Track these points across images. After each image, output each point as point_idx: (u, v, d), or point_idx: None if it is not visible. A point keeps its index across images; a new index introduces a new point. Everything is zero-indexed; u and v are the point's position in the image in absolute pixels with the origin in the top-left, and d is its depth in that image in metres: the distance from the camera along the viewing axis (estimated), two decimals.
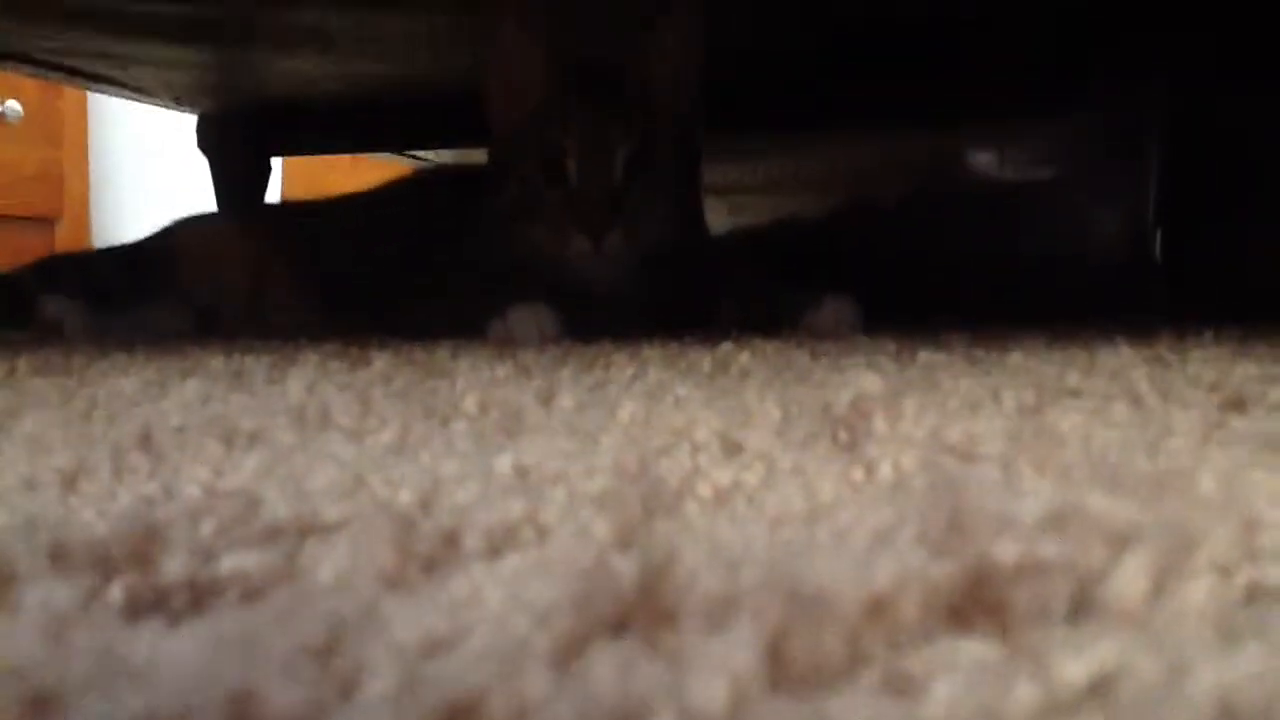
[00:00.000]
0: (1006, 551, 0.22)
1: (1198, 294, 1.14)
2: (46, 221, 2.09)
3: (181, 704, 0.15)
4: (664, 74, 0.96)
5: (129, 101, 1.48)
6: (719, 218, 1.43)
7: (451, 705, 0.16)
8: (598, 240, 0.92)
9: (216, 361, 0.67)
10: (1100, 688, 0.18)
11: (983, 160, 1.48)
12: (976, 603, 0.21)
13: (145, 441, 0.40)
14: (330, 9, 1.05)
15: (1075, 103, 1.23)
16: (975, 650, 0.19)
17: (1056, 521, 0.24)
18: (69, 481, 0.34)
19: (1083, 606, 0.21)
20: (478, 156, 1.07)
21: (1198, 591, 0.22)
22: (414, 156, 1.63)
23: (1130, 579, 0.21)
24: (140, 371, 0.62)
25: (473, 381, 0.55)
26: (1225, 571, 0.22)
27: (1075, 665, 0.18)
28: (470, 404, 0.47)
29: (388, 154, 1.66)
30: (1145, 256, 1.30)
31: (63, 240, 2.08)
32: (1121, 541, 0.23)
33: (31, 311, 1.04)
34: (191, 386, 0.55)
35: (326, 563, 0.24)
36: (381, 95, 1.35)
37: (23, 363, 0.67)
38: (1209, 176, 1.18)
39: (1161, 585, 0.22)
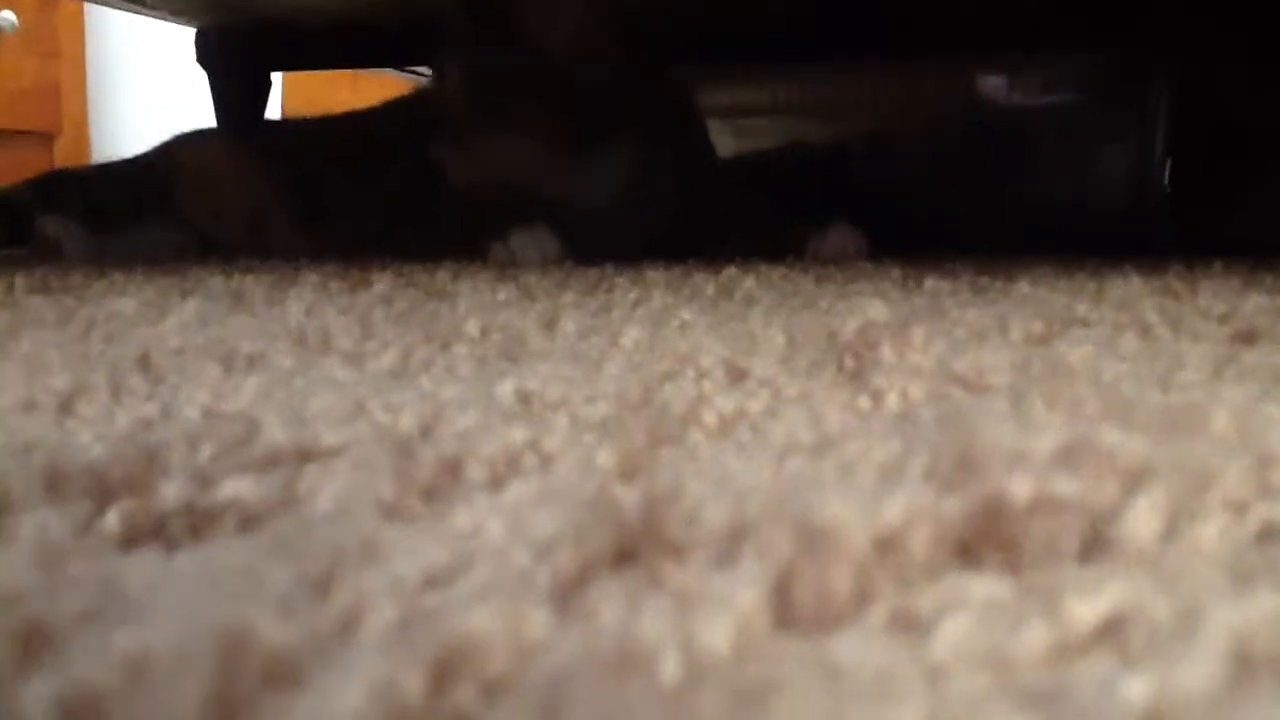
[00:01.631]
0: (1018, 488, 0.21)
1: (1204, 233, 1.13)
2: (45, 136, 2.07)
3: (176, 639, 0.15)
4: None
5: (127, 14, 1.45)
6: (725, 142, 1.41)
7: (451, 644, 0.16)
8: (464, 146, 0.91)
9: (216, 282, 0.66)
10: (1111, 628, 0.17)
11: (993, 84, 1.46)
12: (987, 540, 0.21)
13: (143, 363, 0.40)
14: None
15: (1086, 35, 1.21)
16: (985, 588, 0.19)
17: (1068, 457, 0.23)
18: (66, 403, 0.34)
19: (1095, 545, 0.21)
20: None
21: (1211, 531, 0.21)
22: (414, 73, 1.61)
23: (1143, 518, 0.21)
24: (139, 292, 0.61)
25: (474, 305, 0.55)
26: (1239, 510, 0.22)
27: (1087, 605, 0.18)
28: (472, 328, 0.46)
29: (388, 70, 1.64)
30: (1152, 193, 1.28)
31: (61, 155, 2.06)
32: (1134, 479, 0.22)
33: (30, 230, 1.03)
34: (190, 308, 0.54)
35: (325, 491, 0.24)
36: (382, 11, 1.33)
37: (20, 281, 0.66)
38: (1218, 116, 1.16)
39: (1174, 524, 0.21)
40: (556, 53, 0.93)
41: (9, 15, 1.94)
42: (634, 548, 0.20)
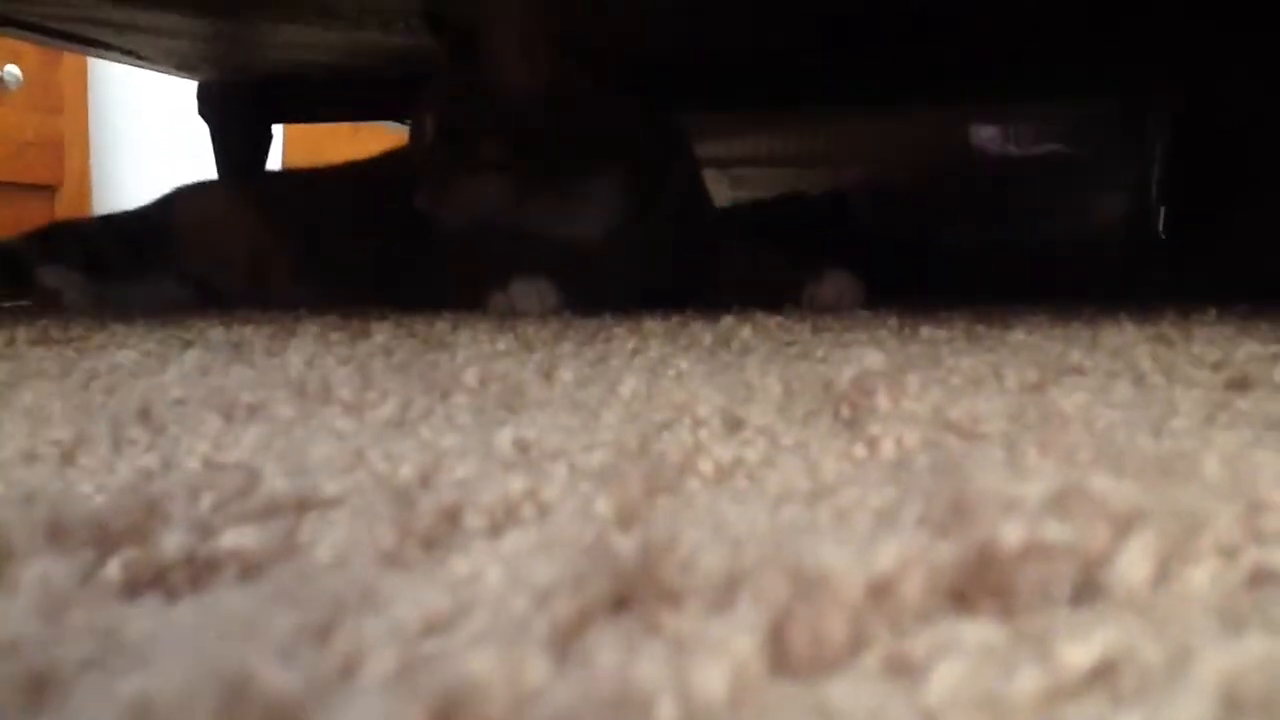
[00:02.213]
0: (1010, 533, 0.22)
1: (1200, 276, 1.14)
2: (47, 189, 2.09)
3: (179, 685, 0.15)
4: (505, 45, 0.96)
5: (130, 68, 1.47)
6: (722, 192, 1.42)
7: (450, 688, 0.16)
8: (435, 191, 0.94)
9: (216, 333, 0.67)
10: (1104, 672, 0.18)
11: (987, 135, 1.47)
12: (980, 585, 0.21)
13: (144, 414, 0.40)
14: None
15: (1080, 84, 1.22)
16: (978, 633, 0.19)
17: (1060, 503, 0.24)
18: (68, 454, 0.34)
19: (1086, 589, 0.21)
20: None
21: (1202, 575, 0.21)
22: None
23: (1134, 562, 0.21)
24: (140, 343, 0.62)
25: (473, 355, 0.55)
26: (1229, 555, 0.22)
27: (1079, 649, 0.18)
28: (471, 378, 0.47)
29: (388, 123, 1.65)
30: (1148, 239, 1.29)
31: (63, 208, 2.07)
32: (1125, 524, 0.23)
33: (30, 281, 1.04)
34: (191, 358, 0.54)
35: (326, 539, 0.24)
36: (382, 65, 1.34)
37: (21, 333, 0.67)
38: (1213, 159, 1.17)
39: (1165, 568, 0.22)
40: (523, 90, 0.94)
41: (14, 70, 1.97)
42: (631, 595, 0.21)
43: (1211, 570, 0.22)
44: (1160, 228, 1.29)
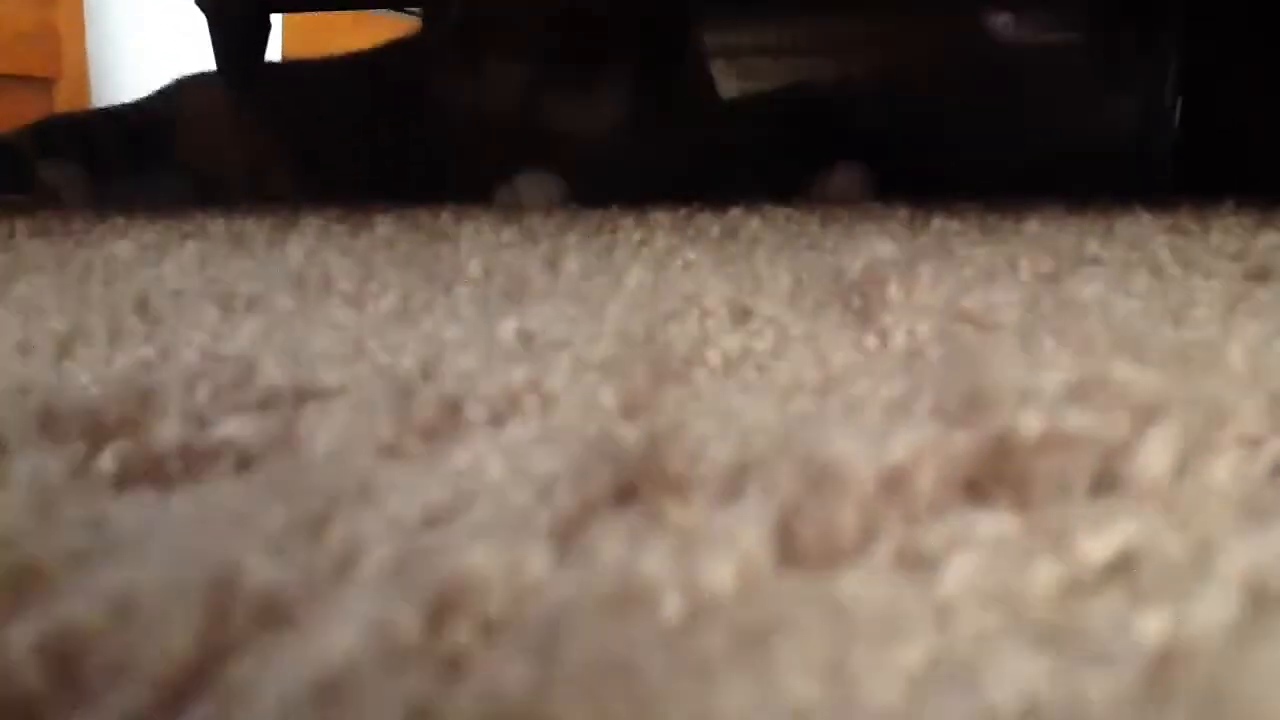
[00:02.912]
0: (1027, 423, 0.21)
1: (1215, 174, 1.12)
2: (44, 81, 2.05)
3: (165, 578, 0.15)
4: None
5: None
6: (729, 83, 1.39)
7: (448, 583, 0.15)
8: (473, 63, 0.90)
9: (216, 226, 0.66)
10: (1123, 565, 0.17)
11: (1000, 21, 1.43)
12: (995, 476, 0.20)
13: (142, 306, 0.39)
14: None
15: None
16: (993, 525, 0.18)
17: (1079, 393, 0.23)
18: (63, 346, 0.34)
19: (1105, 481, 0.20)
20: None
21: (1225, 467, 0.21)
22: (414, 13, 1.59)
23: (1155, 453, 0.21)
24: (139, 235, 0.61)
25: (477, 246, 0.54)
26: (1253, 446, 0.22)
27: (1097, 542, 0.17)
28: (474, 269, 0.46)
29: (388, 10, 1.62)
30: (1163, 133, 1.27)
31: (61, 100, 2.04)
32: (1146, 414, 0.22)
33: (30, 176, 1.02)
34: (190, 251, 0.54)
35: (323, 431, 0.24)
36: None
37: (20, 225, 0.66)
38: (1233, 49, 1.14)
39: (1187, 460, 0.21)
40: None
41: None
42: (636, 486, 0.20)
43: (1235, 461, 0.21)
44: (1177, 122, 1.26)
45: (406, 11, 1.58)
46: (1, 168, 1.05)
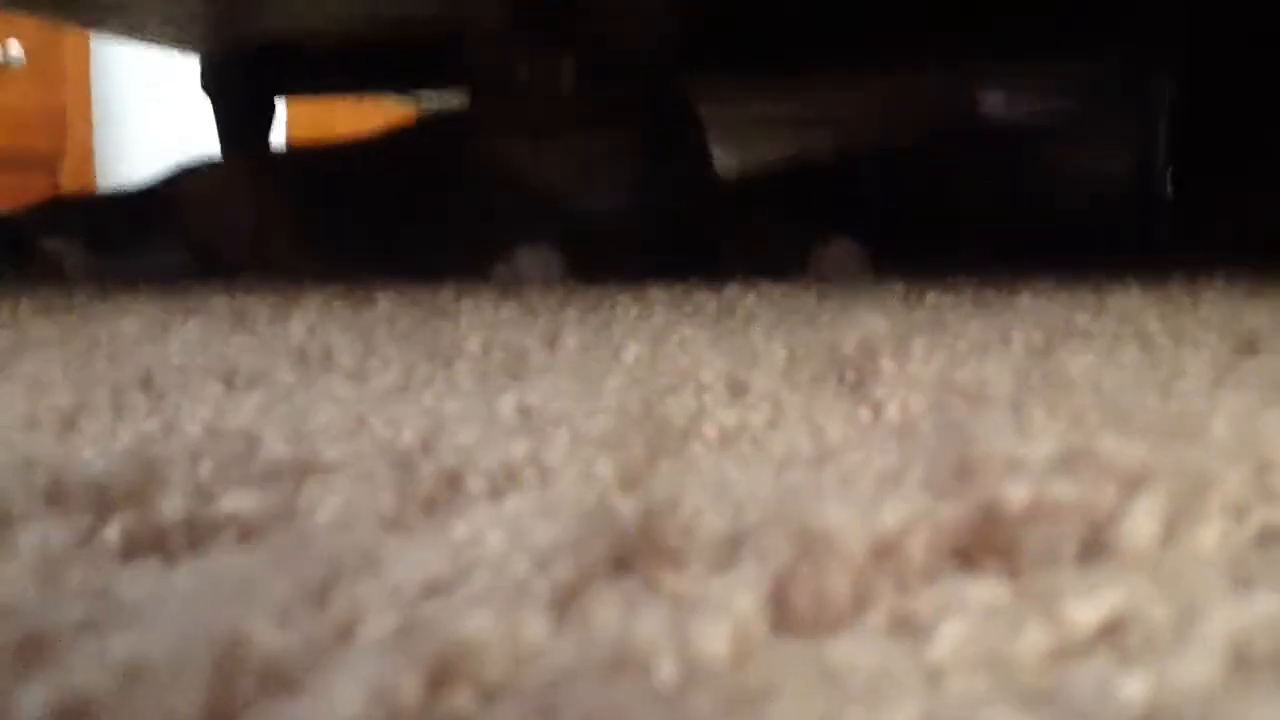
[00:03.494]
0: (1016, 492, 0.21)
1: (1207, 235, 1.13)
2: (50, 163, 2.08)
3: (172, 646, 0.15)
4: (616, 14, 0.96)
5: (132, 42, 1.46)
6: (725, 156, 1.41)
7: (448, 649, 0.16)
8: (538, 141, 0.92)
9: (219, 302, 0.67)
10: (1110, 631, 0.17)
11: (993, 100, 1.46)
12: (985, 544, 0.21)
13: (146, 381, 0.40)
14: None
15: (1086, 41, 1.21)
16: (983, 592, 0.19)
17: (1067, 463, 0.23)
18: (68, 421, 0.34)
19: (1093, 549, 0.21)
20: None
21: (1210, 534, 0.21)
22: (418, 97, 1.61)
23: (1141, 521, 0.21)
24: (142, 311, 0.61)
25: (476, 322, 0.55)
26: (1238, 514, 0.22)
27: (1085, 608, 0.18)
28: (474, 344, 0.46)
29: (391, 94, 1.65)
30: (1154, 197, 1.28)
31: (67, 182, 2.07)
32: (1133, 483, 0.22)
33: (32, 253, 1.03)
34: (193, 327, 0.54)
35: (325, 503, 0.24)
36: (383, 36, 1.33)
37: (25, 303, 0.67)
38: (1221, 116, 1.16)
39: (1173, 528, 0.21)
40: (628, 56, 0.94)
41: (16, 50, 1.96)
42: (632, 556, 0.20)
43: (1220, 529, 0.21)
44: (1167, 186, 1.28)
45: (406, 95, 1.61)
46: (5, 245, 1.06)
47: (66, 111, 2.10)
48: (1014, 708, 0.15)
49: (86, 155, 2.16)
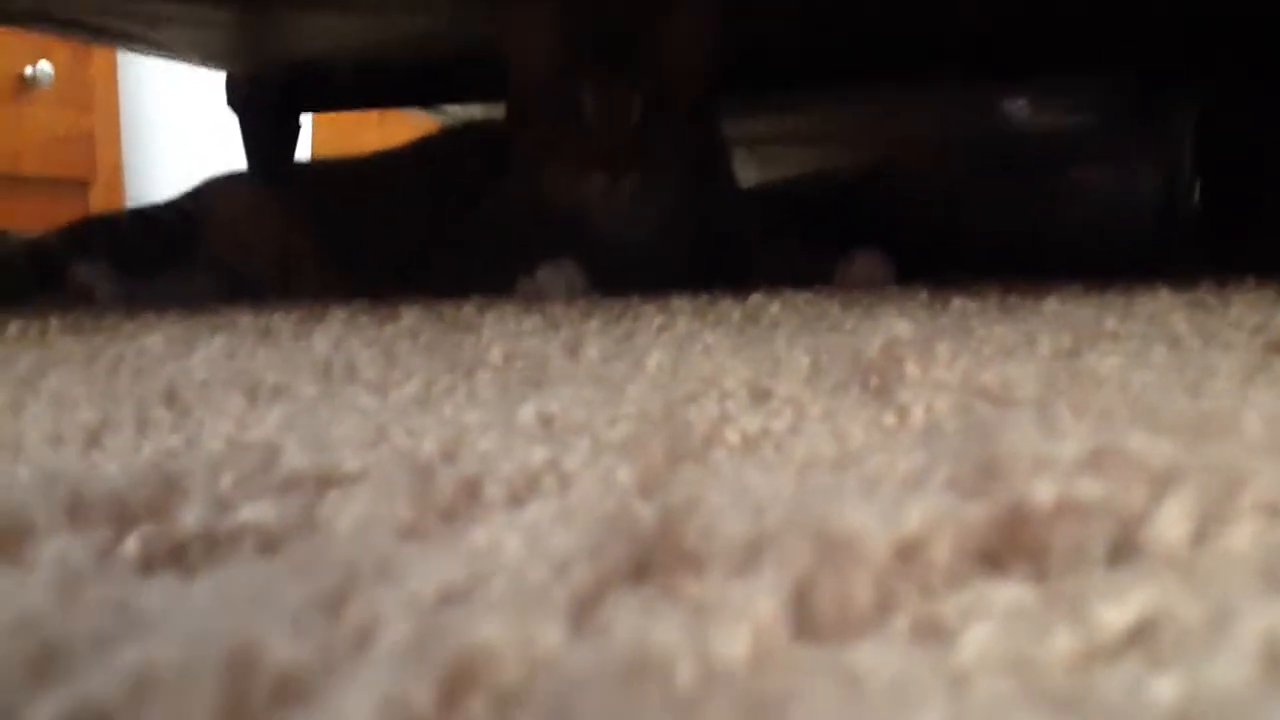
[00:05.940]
0: (1043, 492, 0.21)
1: (1236, 250, 1.12)
2: (80, 184, 2.10)
3: (185, 656, 0.15)
4: (677, 49, 0.97)
5: (160, 61, 1.47)
6: (749, 171, 1.41)
7: (464, 657, 0.15)
8: (615, 179, 0.91)
9: (244, 319, 0.67)
10: (1141, 633, 0.17)
11: (1018, 107, 1.45)
12: (1012, 546, 0.20)
13: (170, 397, 0.40)
14: None
15: (1112, 57, 1.20)
16: (1010, 595, 0.18)
17: (1095, 462, 0.23)
18: (92, 437, 0.34)
19: (1123, 549, 0.20)
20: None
21: (1242, 534, 0.21)
22: (442, 111, 1.62)
23: (1172, 521, 0.21)
24: (168, 329, 0.62)
25: (499, 334, 0.55)
26: (1271, 513, 0.22)
27: (1115, 610, 0.17)
28: (496, 355, 0.46)
29: (416, 109, 1.65)
30: (1181, 214, 1.27)
31: (96, 202, 2.09)
32: (1163, 483, 0.22)
33: (62, 278, 1.04)
34: (218, 343, 0.54)
35: (345, 513, 0.24)
36: (408, 51, 1.34)
37: (54, 323, 0.67)
38: (1249, 134, 1.15)
39: (1204, 527, 0.21)
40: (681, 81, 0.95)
41: (45, 66, 1.98)
42: (651, 562, 0.20)
43: (1252, 529, 0.21)
44: (1195, 201, 1.26)
45: (432, 111, 1.62)
46: (36, 268, 1.07)
47: (96, 132, 2.12)
48: (1042, 713, 0.15)
49: (116, 176, 2.18)
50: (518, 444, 0.29)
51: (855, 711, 0.14)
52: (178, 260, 1.10)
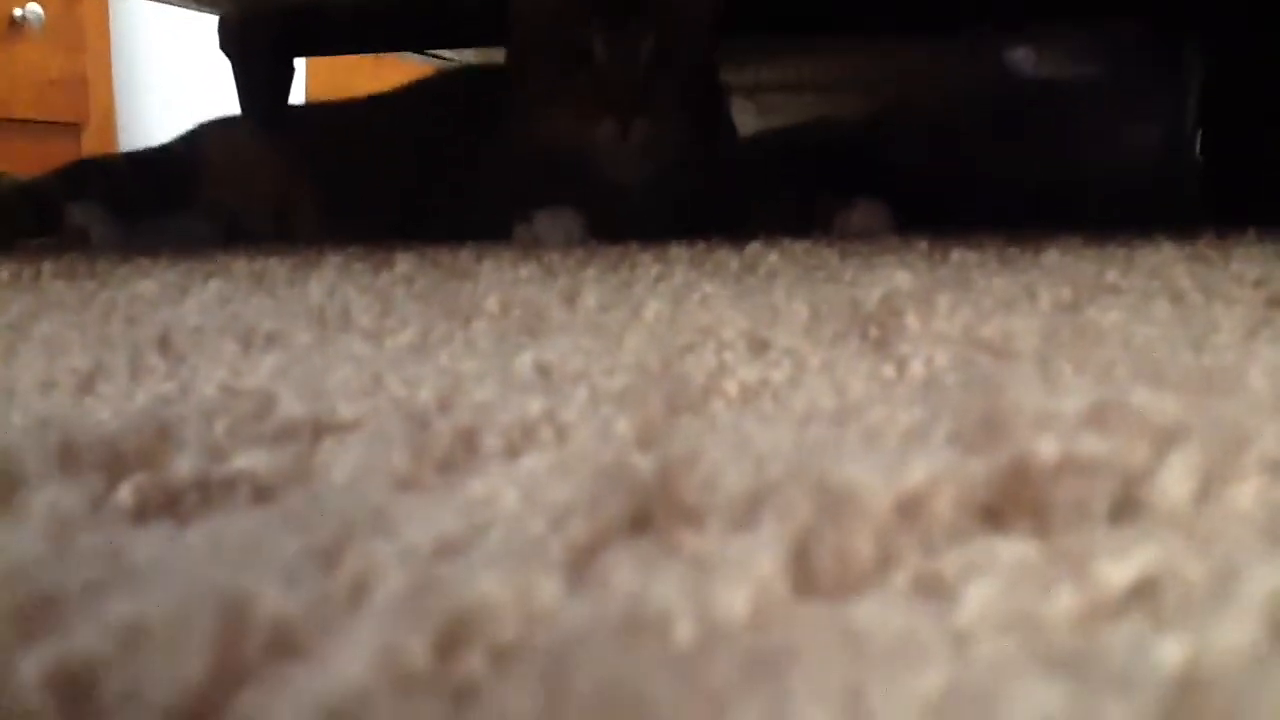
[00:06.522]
0: (1045, 448, 0.21)
1: (1238, 202, 1.11)
2: (72, 127, 2.08)
3: (176, 607, 0.15)
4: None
5: (151, 3, 1.45)
6: (748, 119, 1.40)
7: (460, 610, 0.15)
8: (625, 124, 0.90)
9: (239, 265, 0.66)
10: (1144, 591, 0.17)
11: (1020, 56, 1.43)
12: (1013, 502, 0.20)
13: (163, 342, 0.40)
14: None
15: (1116, 7, 1.19)
16: (1012, 551, 0.18)
17: (1098, 418, 0.23)
18: (85, 383, 0.34)
19: (1126, 506, 0.20)
20: (500, 56, 1.05)
21: (1246, 491, 0.21)
22: (436, 56, 1.61)
23: (1175, 478, 0.20)
24: (162, 274, 0.61)
25: (496, 282, 0.54)
26: (1276, 470, 0.21)
27: (1117, 567, 0.17)
28: (492, 304, 0.46)
29: (410, 53, 1.64)
30: (1184, 164, 1.26)
31: (89, 145, 2.07)
32: (1166, 439, 0.22)
33: (58, 219, 1.03)
34: (212, 289, 0.54)
35: (340, 463, 0.24)
36: None
37: (47, 267, 0.66)
38: (1252, 81, 1.14)
39: (1208, 484, 0.21)
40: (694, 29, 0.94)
41: (35, 8, 1.95)
42: (650, 515, 0.20)
43: (1256, 486, 0.21)
44: (1197, 151, 1.26)
45: (426, 55, 1.60)
46: (30, 212, 1.07)
47: (88, 75, 2.10)
48: (1043, 671, 0.15)
49: (108, 118, 2.16)
50: (514, 394, 0.29)
51: (856, 670, 0.14)
52: (172, 204, 1.10)
